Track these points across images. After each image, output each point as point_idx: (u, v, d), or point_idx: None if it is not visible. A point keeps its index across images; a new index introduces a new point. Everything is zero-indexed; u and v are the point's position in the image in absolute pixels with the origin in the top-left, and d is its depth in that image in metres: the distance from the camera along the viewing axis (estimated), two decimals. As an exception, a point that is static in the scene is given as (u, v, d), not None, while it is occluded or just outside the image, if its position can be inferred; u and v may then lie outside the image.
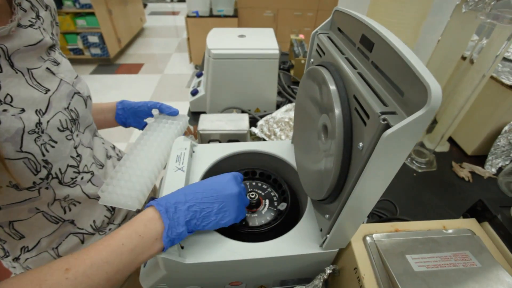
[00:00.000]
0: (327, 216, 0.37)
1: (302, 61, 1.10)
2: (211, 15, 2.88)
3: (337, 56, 0.33)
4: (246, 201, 0.44)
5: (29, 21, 0.44)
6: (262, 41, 0.87)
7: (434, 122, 0.92)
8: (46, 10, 0.48)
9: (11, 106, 0.38)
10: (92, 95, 0.58)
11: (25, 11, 0.43)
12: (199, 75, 1.04)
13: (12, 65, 0.40)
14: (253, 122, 0.90)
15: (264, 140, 0.81)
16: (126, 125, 0.69)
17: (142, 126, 0.67)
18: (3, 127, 0.36)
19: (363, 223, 0.37)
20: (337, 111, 0.29)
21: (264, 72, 0.86)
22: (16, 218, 0.44)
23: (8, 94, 0.38)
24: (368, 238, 0.39)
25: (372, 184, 0.27)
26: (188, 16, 2.87)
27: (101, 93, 2.97)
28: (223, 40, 0.88)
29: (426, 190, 0.76)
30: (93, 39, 3.27)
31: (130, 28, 4.05)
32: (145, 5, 5.61)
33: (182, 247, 0.39)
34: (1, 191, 0.39)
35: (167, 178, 0.47)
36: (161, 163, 0.53)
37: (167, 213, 0.35)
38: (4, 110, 0.37)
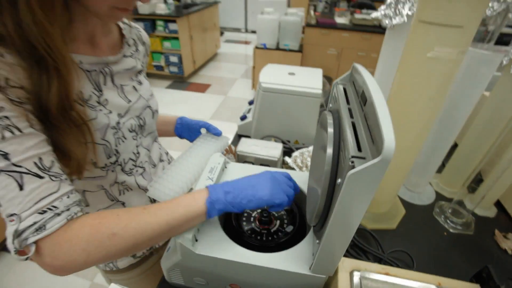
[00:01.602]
0: (317, 241, 0.41)
1: (348, 102, 1.15)
2: (277, 48, 3.10)
3: (342, 105, 0.39)
4: (285, 187, 0.51)
5: (131, 52, 0.60)
6: (308, 81, 0.95)
7: (480, 181, 0.86)
8: (143, 45, 0.65)
9: (105, 107, 0.53)
10: (163, 107, 0.73)
11: (129, 46, 0.60)
12: (251, 102, 1.16)
13: (112, 81, 0.55)
14: (289, 152, 0.96)
15: (294, 170, 0.87)
16: (181, 137, 0.84)
17: (192, 140, 0.80)
18: (97, 121, 0.50)
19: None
20: (329, 150, 0.35)
21: (306, 109, 0.94)
22: (87, 189, 0.58)
23: (106, 99, 0.53)
24: (355, 273, 0.42)
25: (344, 217, 0.32)
26: (256, 47, 3.13)
27: (171, 105, 3.35)
28: (274, 75, 0.98)
29: (455, 252, 0.71)
30: (174, 59, 3.75)
31: (205, 52, 4.54)
32: (222, 33, 6.23)
33: (197, 240, 0.48)
34: (86, 166, 0.53)
35: (198, 184, 0.56)
36: (199, 172, 0.64)
37: (213, 187, 0.49)
38: (100, 110, 0.51)
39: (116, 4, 0.44)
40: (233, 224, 0.56)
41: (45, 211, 0.38)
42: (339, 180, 0.32)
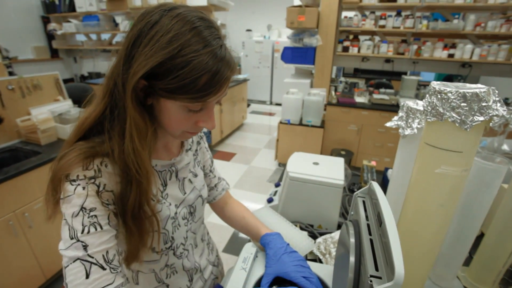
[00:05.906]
0: None
1: (369, 188, 1.22)
2: (300, 124, 3.33)
3: (361, 220, 0.48)
4: None
5: (189, 145, 0.73)
6: (331, 171, 1.05)
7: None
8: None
9: (166, 200, 0.64)
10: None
11: (186, 141, 0.73)
12: (277, 185, 1.27)
13: (176, 176, 0.67)
14: (313, 237, 1.01)
15: (318, 257, 0.91)
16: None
17: None
18: (162, 213, 0.61)
19: None
20: (352, 258, 0.43)
21: (329, 197, 1.02)
22: (141, 270, 0.66)
23: (167, 194, 0.64)
24: None
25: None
26: (281, 122, 3.38)
27: (197, 172, 3.53)
28: (300, 165, 1.10)
29: None
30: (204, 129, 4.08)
31: (233, 123, 4.90)
32: (248, 105, 6.75)
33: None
34: (146, 251, 0.60)
35: (233, 273, 0.63)
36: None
37: None
38: (164, 202, 0.62)
39: (187, 129, 0.58)
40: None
41: None
42: (361, 292, 0.39)
